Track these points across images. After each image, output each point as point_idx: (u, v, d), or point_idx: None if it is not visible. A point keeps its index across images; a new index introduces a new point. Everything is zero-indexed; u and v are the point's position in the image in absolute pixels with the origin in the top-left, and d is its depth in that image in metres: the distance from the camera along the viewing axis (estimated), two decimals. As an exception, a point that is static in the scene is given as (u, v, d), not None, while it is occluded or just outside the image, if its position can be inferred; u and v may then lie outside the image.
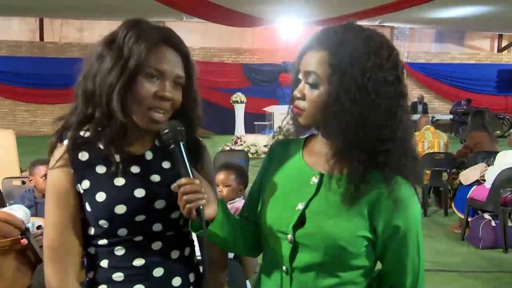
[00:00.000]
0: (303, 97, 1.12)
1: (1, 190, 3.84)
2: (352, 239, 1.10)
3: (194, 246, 1.31)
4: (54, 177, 1.17)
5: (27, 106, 14.21)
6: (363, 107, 1.05)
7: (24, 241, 2.57)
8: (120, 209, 1.14)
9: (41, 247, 2.51)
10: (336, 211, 1.11)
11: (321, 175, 1.16)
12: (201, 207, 1.09)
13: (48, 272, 1.18)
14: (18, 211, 2.76)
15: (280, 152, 1.27)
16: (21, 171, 4.76)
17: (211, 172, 1.32)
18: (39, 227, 2.79)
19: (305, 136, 1.26)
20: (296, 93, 1.14)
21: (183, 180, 1.08)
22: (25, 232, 2.57)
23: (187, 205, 1.08)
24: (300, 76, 1.14)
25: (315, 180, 1.16)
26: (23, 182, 4.08)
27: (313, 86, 1.10)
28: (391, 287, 1.19)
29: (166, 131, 1.12)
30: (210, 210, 1.13)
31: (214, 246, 1.25)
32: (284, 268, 1.17)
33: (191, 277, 1.27)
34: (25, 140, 8.94)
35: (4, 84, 13.83)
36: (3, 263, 2.52)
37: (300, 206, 1.14)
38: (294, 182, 1.19)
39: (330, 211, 1.12)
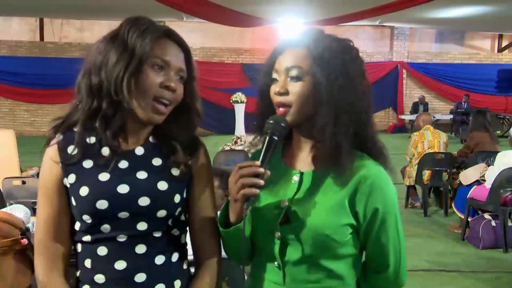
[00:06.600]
0: (286, 92, 1.15)
1: (1, 190, 3.84)
2: (337, 228, 1.15)
3: (185, 250, 1.28)
4: (45, 172, 1.19)
5: (27, 106, 14.21)
6: (349, 94, 1.14)
7: (24, 241, 2.57)
8: (102, 204, 1.14)
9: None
10: (319, 204, 1.16)
11: (301, 173, 1.21)
12: (253, 197, 1.09)
13: (37, 265, 1.20)
14: (18, 211, 2.76)
15: None
16: (21, 171, 4.76)
17: (209, 170, 1.30)
18: (39, 227, 2.78)
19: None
20: (279, 89, 1.16)
21: (244, 163, 1.10)
22: (25, 232, 2.56)
23: (241, 191, 1.08)
24: (276, 75, 1.18)
25: (296, 178, 1.21)
26: (23, 182, 4.08)
27: (297, 79, 1.15)
28: (376, 271, 1.23)
29: (271, 121, 1.14)
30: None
31: (205, 232, 1.26)
32: (276, 263, 1.20)
33: (176, 284, 1.22)
34: (25, 140, 8.91)
35: (4, 84, 13.84)
36: (3, 263, 2.52)
37: (284, 204, 1.19)
38: (277, 183, 1.22)
39: (312, 205, 1.17)
